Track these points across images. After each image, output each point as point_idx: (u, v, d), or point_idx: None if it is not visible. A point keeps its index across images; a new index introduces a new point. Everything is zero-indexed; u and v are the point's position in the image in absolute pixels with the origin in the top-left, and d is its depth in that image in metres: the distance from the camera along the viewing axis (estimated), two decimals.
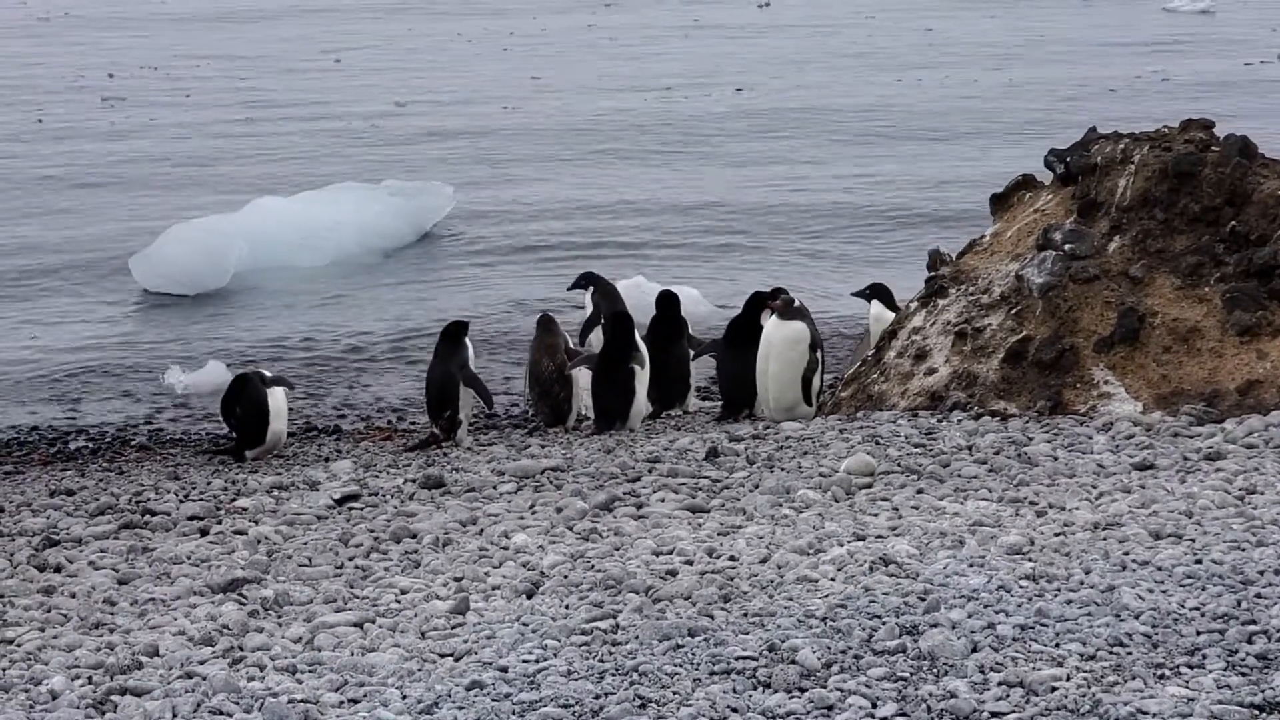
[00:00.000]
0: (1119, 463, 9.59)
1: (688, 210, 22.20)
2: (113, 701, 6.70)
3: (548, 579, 7.95)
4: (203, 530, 9.57)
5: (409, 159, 25.24)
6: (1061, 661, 6.42)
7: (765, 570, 7.81)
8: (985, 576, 7.37)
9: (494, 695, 6.41)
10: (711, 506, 9.22)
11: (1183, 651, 6.50)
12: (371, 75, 33.62)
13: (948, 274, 12.05)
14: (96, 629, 7.79)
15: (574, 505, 9.35)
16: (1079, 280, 11.33)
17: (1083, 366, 11.08)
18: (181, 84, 32.87)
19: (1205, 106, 12.44)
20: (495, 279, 18.86)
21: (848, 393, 12.05)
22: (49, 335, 16.90)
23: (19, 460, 12.86)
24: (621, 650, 6.80)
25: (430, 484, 10.27)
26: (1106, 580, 7.28)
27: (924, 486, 9.35)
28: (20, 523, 10.06)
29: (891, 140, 26.56)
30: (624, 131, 27.56)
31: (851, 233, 20.88)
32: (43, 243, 20.55)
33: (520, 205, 22.47)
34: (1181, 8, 42.41)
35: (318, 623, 7.58)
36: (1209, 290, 11.17)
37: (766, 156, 25.56)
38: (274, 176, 24.02)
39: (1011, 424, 10.71)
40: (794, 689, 6.32)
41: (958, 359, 11.47)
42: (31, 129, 27.67)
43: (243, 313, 17.91)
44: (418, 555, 8.69)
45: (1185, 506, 8.51)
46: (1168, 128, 12.02)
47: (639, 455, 10.66)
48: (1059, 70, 32.42)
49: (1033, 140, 23.44)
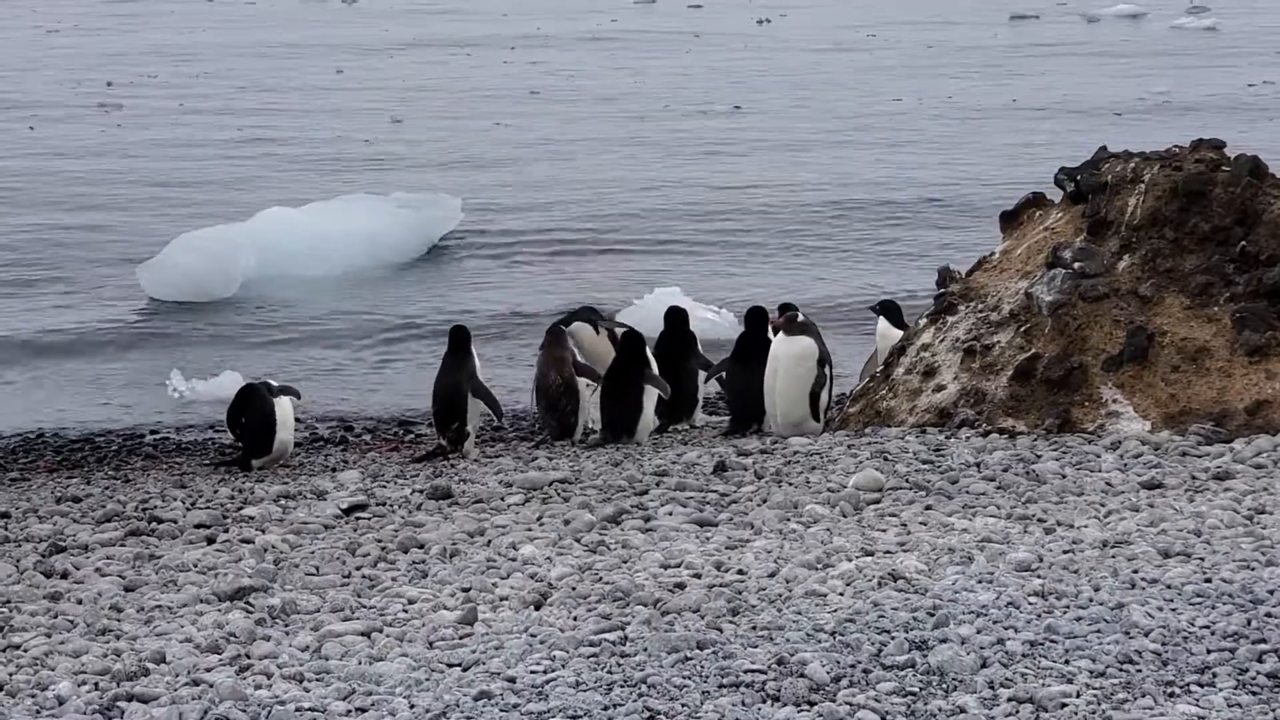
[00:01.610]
0: (1127, 481, 9.58)
1: (700, 220, 22.22)
2: (119, 708, 6.69)
3: (555, 590, 7.94)
4: (209, 538, 9.55)
5: (413, 171, 25.24)
6: (1071, 678, 6.42)
7: (773, 584, 7.79)
8: (994, 593, 7.36)
9: (502, 705, 6.40)
10: (719, 520, 9.20)
11: (1193, 670, 6.49)
12: (372, 88, 33.61)
13: (957, 291, 12.04)
14: (103, 635, 7.77)
15: (582, 517, 9.34)
16: (1088, 298, 11.32)
17: (1091, 385, 11.07)
18: (182, 93, 32.91)
19: (1207, 132, 12.39)
20: (502, 292, 18.86)
21: (856, 409, 12.04)
22: (56, 342, 16.91)
23: (25, 467, 12.84)
24: (630, 662, 6.79)
25: (438, 495, 10.26)
26: (1116, 598, 7.27)
27: (932, 503, 9.34)
28: (26, 529, 10.05)
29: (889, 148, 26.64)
30: (635, 145, 27.62)
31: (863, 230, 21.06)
32: (50, 251, 20.57)
33: (527, 218, 22.47)
34: (1188, 25, 42.47)
35: (325, 631, 7.57)
36: (1218, 310, 11.15)
37: (779, 163, 25.64)
38: (282, 186, 24.03)
39: (1020, 441, 10.70)
40: (803, 702, 6.32)
41: (966, 376, 11.46)
42: (26, 137, 27.68)
43: (250, 322, 17.91)
44: (425, 565, 8.68)
45: (1194, 525, 8.50)
46: (1178, 147, 12.02)
47: (647, 469, 10.65)
48: (1060, 93, 32.32)
49: (1031, 164, 23.63)
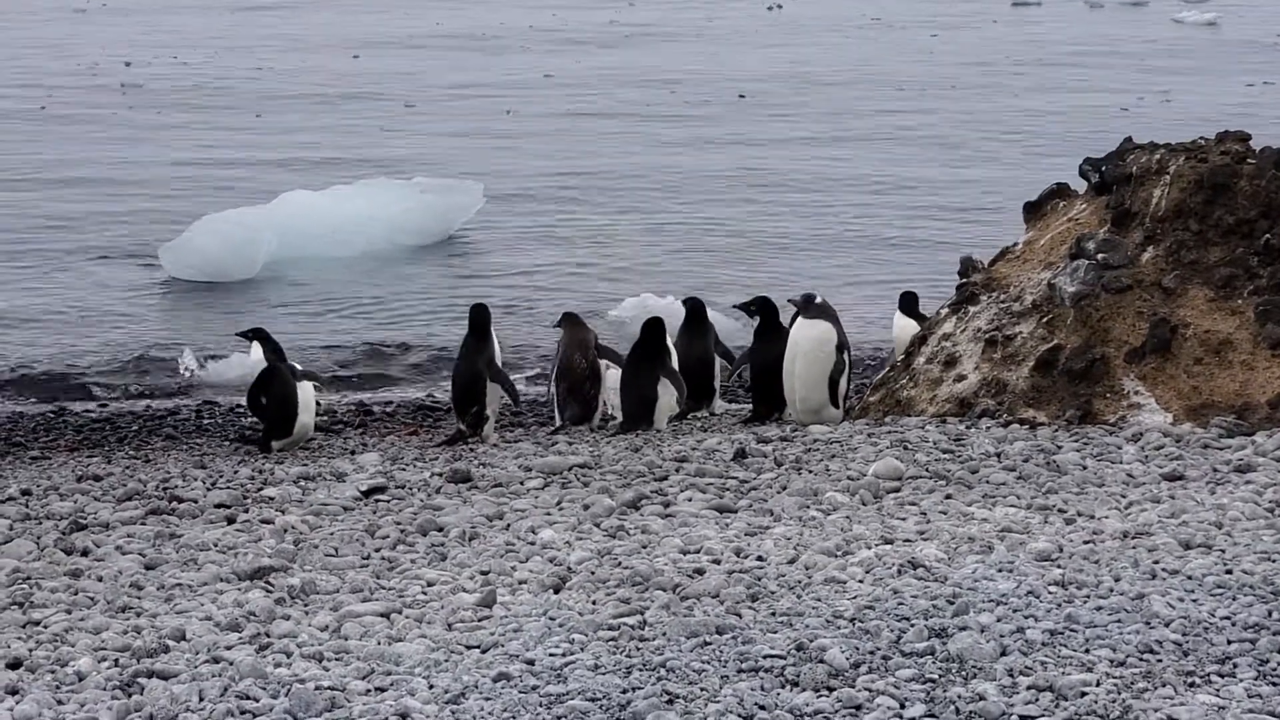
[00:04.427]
0: (1148, 473, 9.56)
1: (725, 207, 22.21)
2: (139, 684, 6.70)
3: (575, 574, 7.94)
4: (230, 518, 9.58)
5: (431, 156, 25.23)
6: (1091, 667, 6.40)
7: (793, 571, 7.79)
8: (1014, 582, 7.35)
9: (521, 687, 6.40)
10: (739, 507, 9.20)
11: (1213, 660, 6.48)
12: (390, 71, 33.56)
13: (979, 281, 12.02)
14: (123, 612, 7.79)
15: (601, 502, 9.33)
16: (1111, 290, 11.29)
17: (1113, 376, 11.04)
18: (202, 75, 32.92)
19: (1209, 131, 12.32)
20: (522, 278, 18.88)
21: (876, 398, 12.03)
22: (77, 322, 16.95)
23: (46, 446, 12.88)
24: (649, 646, 6.79)
25: (457, 478, 10.27)
26: (1136, 588, 7.26)
27: (952, 492, 9.32)
28: (47, 506, 10.07)
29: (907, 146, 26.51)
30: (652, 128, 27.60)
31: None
32: (72, 232, 20.63)
33: (547, 204, 22.47)
34: (1188, 18, 42.28)
35: (344, 612, 7.57)
36: (1242, 303, 11.12)
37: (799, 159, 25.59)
38: (301, 169, 24.05)
39: (1040, 432, 10.68)
40: (822, 688, 6.31)
41: (987, 366, 11.44)
42: (40, 116, 27.70)
43: (270, 304, 17.95)
44: (444, 548, 8.68)
45: (1215, 517, 8.48)
46: (1204, 139, 11.98)
47: (666, 454, 10.64)
48: (1063, 89, 32.08)
49: (1039, 156, 23.55)
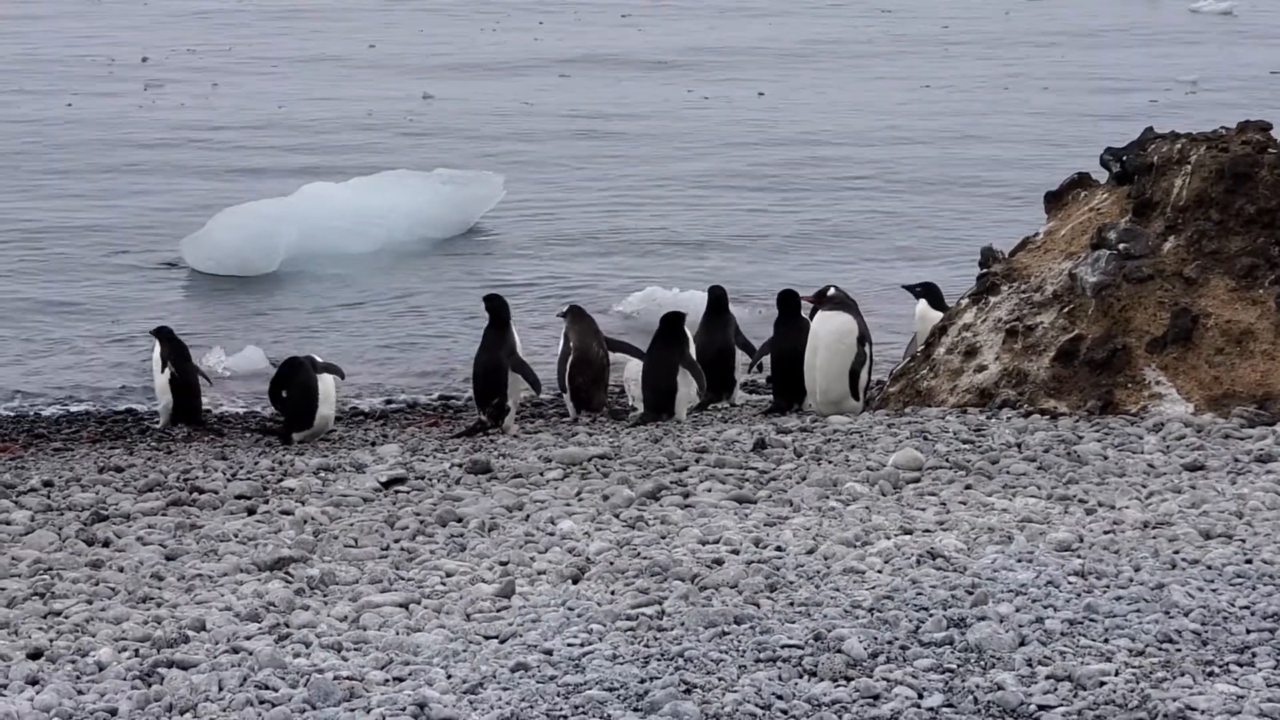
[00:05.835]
0: (1169, 463, 9.54)
1: (739, 198, 22.16)
2: (159, 674, 6.72)
3: (593, 565, 7.95)
4: (250, 509, 9.60)
5: (453, 148, 25.21)
6: (1110, 657, 6.39)
7: (812, 561, 7.78)
8: (1034, 572, 7.34)
9: (539, 677, 6.41)
10: (758, 497, 9.20)
11: (1233, 649, 6.46)
12: (403, 66, 33.50)
13: (1000, 271, 11.99)
14: (144, 603, 7.82)
15: (620, 493, 9.34)
16: (1132, 280, 11.26)
17: (1134, 367, 11.01)
18: (216, 69, 32.92)
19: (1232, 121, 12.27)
20: (543, 270, 18.86)
21: (896, 388, 12.01)
22: (99, 315, 16.99)
23: (68, 437, 12.92)
24: (667, 636, 6.79)
25: (477, 469, 10.27)
26: (1156, 578, 7.24)
27: (972, 482, 9.31)
28: (69, 497, 10.10)
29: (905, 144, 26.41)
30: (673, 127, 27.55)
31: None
32: (93, 225, 20.65)
33: (568, 197, 22.46)
34: (1204, 8, 42.09)
35: (363, 602, 7.59)
36: (1263, 292, 11.08)
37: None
38: (322, 162, 24.07)
39: (1061, 423, 10.66)
40: (840, 678, 6.31)
41: (1008, 356, 11.42)
42: (64, 113, 27.75)
43: (291, 297, 17.97)
44: (463, 539, 8.69)
45: (1236, 507, 8.46)
46: (1225, 128, 11.94)
47: (686, 445, 10.64)
48: (1080, 84, 31.85)
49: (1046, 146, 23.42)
